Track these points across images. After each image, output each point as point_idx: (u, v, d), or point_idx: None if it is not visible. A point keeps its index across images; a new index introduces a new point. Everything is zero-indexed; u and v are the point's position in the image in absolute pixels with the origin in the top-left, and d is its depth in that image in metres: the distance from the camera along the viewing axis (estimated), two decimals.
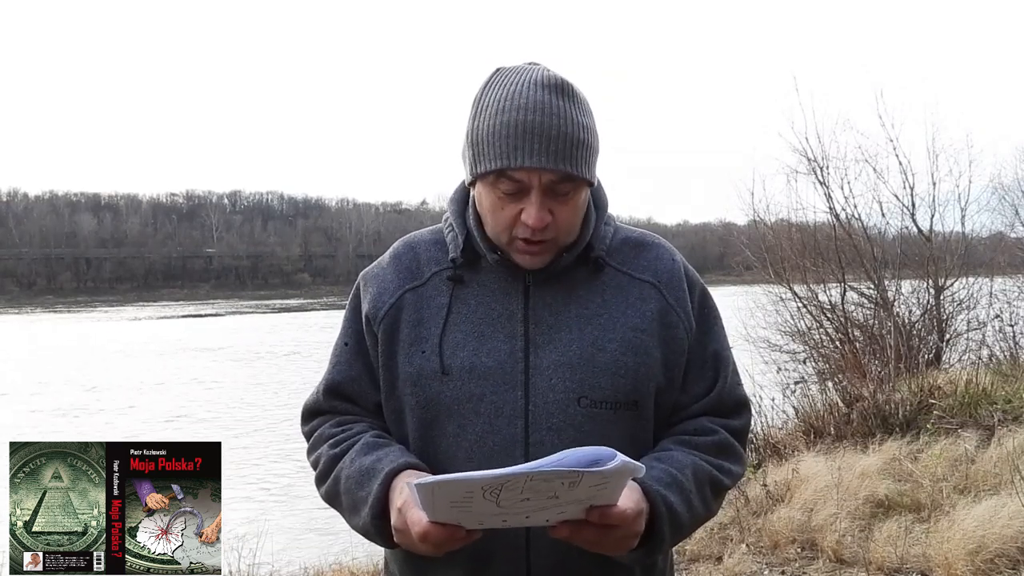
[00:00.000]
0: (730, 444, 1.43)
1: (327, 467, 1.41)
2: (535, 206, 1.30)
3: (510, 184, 1.30)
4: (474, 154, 1.32)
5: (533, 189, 1.30)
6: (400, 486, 1.27)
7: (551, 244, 1.35)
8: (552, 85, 1.30)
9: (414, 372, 1.37)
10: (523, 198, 1.31)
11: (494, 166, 1.29)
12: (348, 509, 1.37)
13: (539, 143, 1.27)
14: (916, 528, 4.43)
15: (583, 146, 1.30)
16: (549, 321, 1.37)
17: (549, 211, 1.31)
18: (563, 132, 1.28)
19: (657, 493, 1.27)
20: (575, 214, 1.35)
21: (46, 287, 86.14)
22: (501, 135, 1.29)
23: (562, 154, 1.28)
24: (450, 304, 1.40)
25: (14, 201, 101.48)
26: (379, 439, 1.39)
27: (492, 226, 1.36)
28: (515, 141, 1.28)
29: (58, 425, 14.50)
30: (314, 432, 1.49)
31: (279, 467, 10.65)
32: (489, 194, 1.33)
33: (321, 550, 6.08)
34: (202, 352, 27.23)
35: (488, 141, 1.30)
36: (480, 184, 1.35)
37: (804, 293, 11.04)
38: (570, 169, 1.29)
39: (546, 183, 1.29)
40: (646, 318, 1.39)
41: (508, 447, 1.32)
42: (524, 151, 1.27)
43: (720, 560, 4.47)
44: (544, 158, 1.27)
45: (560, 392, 1.33)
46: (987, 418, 6.31)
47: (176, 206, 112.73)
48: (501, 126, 1.29)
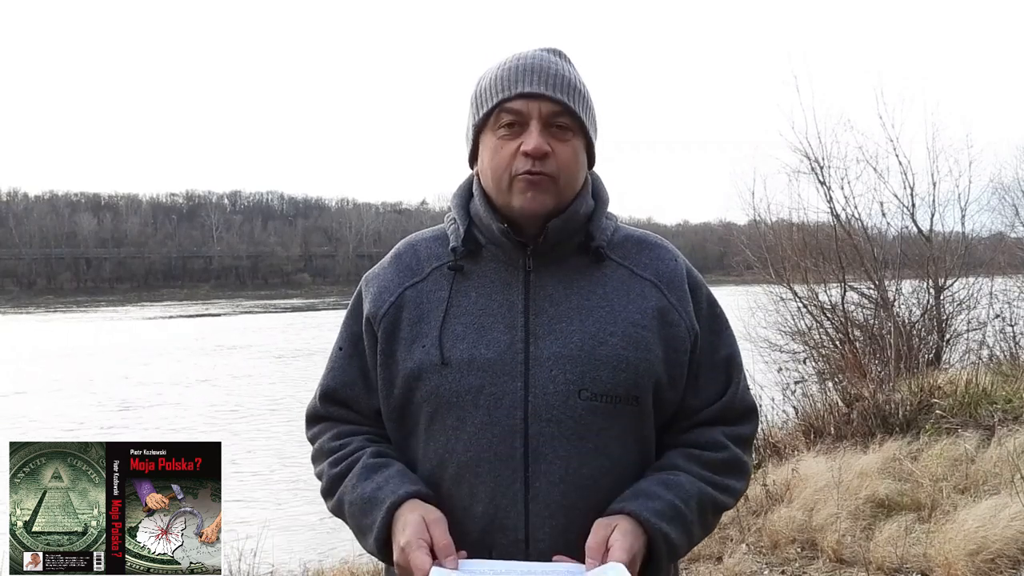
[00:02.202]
0: (739, 461, 1.44)
1: (330, 486, 1.43)
2: (534, 133, 1.34)
3: (510, 116, 1.35)
4: (476, 107, 1.40)
5: (532, 119, 1.34)
6: (403, 520, 1.29)
7: (551, 184, 1.35)
8: (552, 49, 1.40)
9: (414, 366, 1.38)
10: (523, 132, 1.35)
11: (494, 100, 1.36)
12: (355, 530, 1.40)
13: (537, 76, 1.36)
14: (916, 528, 4.43)
15: (579, 92, 1.38)
16: (550, 312, 1.38)
17: (548, 146, 1.35)
18: (560, 73, 1.37)
19: (658, 530, 1.29)
20: (574, 157, 1.38)
21: (46, 287, 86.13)
22: (500, 77, 1.37)
23: (558, 87, 1.36)
24: (450, 296, 1.40)
25: (14, 201, 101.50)
26: (378, 459, 1.40)
27: (493, 169, 1.37)
28: (514, 76, 1.36)
29: (145, 418, 14.69)
30: (316, 440, 1.51)
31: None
32: (490, 140, 1.38)
33: (322, 551, 6.09)
34: (234, 350, 27.08)
35: (489, 85, 1.38)
36: (483, 138, 1.39)
37: (804, 293, 11.04)
38: (567, 101, 1.35)
39: (545, 113, 1.35)
40: (647, 314, 1.39)
41: (507, 438, 1.33)
42: (523, 81, 1.35)
43: (720, 560, 4.47)
44: (542, 86, 1.35)
45: (560, 384, 1.34)
46: (987, 418, 6.32)
47: (176, 206, 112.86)
48: (500, 72, 1.38)
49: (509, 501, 1.32)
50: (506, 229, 1.37)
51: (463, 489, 1.34)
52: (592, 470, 1.33)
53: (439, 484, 1.36)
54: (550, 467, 1.32)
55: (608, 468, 1.35)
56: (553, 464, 1.32)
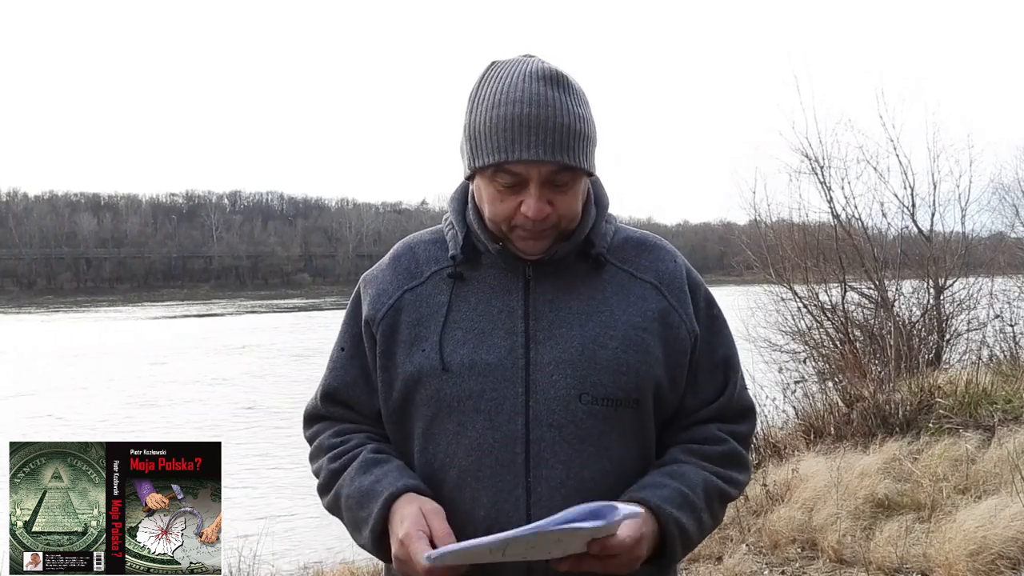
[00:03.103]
0: (738, 454, 1.45)
1: (327, 481, 1.42)
2: (534, 198, 1.30)
3: (509, 177, 1.31)
4: (471, 148, 1.33)
5: (532, 182, 1.30)
6: (401, 512, 1.28)
7: (552, 231, 1.35)
8: (546, 77, 1.30)
9: (414, 370, 1.37)
10: (522, 190, 1.31)
11: (492, 160, 1.30)
12: (350, 525, 1.39)
13: (536, 136, 1.27)
14: (916, 528, 4.42)
15: (580, 136, 1.30)
16: (550, 317, 1.37)
17: (548, 202, 1.32)
18: (559, 123, 1.28)
19: (669, 516, 1.29)
20: (575, 202, 1.36)
21: (46, 287, 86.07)
22: (498, 129, 1.29)
23: (559, 146, 1.28)
24: (450, 302, 1.40)
25: (14, 201, 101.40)
26: (378, 455, 1.40)
27: (492, 217, 1.36)
28: (511, 135, 1.28)
29: (171, 416, 14.65)
30: (315, 439, 1.50)
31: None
32: (488, 187, 1.34)
33: (322, 552, 6.08)
34: (246, 349, 26.95)
35: (485, 135, 1.30)
36: (479, 177, 1.36)
37: (804, 293, 11.04)
38: (567, 160, 1.29)
39: (544, 175, 1.30)
40: (647, 317, 1.39)
41: (509, 443, 1.33)
42: (521, 144, 1.27)
43: (720, 560, 4.47)
44: (541, 151, 1.27)
45: (561, 388, 1.34)
46: (987, 418, 6.32)
47: (176, 206, 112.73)
48: (497, 120, 1.29)
49: (511, 506, 1.32)
50: (503, 249, 1.38)
51: (465, 494, 1.34)
52: (593, 473, 1.34)
53: (440, 488, 1.35)
54: (551, 472, 1.32)
55: (609, 471, 1.35)
56: (555, 469, 1.32)
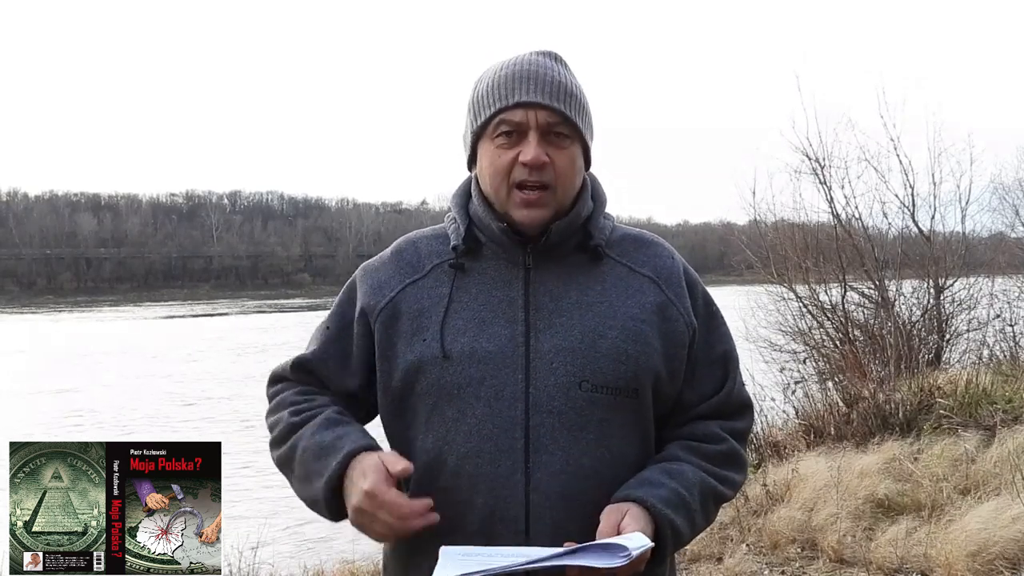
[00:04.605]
0: (736, 454, 1.46)
1: (284, 433, 1.43)
2: (532, 144, 1.35)
3: (507, 126, 1.35)
4: (474, 113, 1.39)
5: (530, 129, 1.35)
6: (362, 466, 1.29)
7: (549, 196, 1.37)
8: (546, 53, 1.40)
9: (415, 359, 1.39)
10: (521, 141, 1.35)
11: (492, 109, 1.36)
12: (300, 478, 1.39)
13: (534, 84, 1.35)
14: (917, 528, 4.42)
15: (576, 99, 1.38)
16: (549, 307, 1.39)
17: (546, 155, 1.35)
18: (556, 79, 1.37)
19: (665, 517, 1.31)
20: (571, 165, 1.39)
21: (46, 287, 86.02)
22: (498, 83, 1.37)
23: (556, 95, 1.35)
24: (451, 292, 1.42)
25: (14, 201, 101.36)
26: (341, 416, 1.41)
27: (491, 177, 1.38)
28: (511, 83, 1.36)
29: (213, 412, 14.71)
30: (277, 395, 1.51)
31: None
32: (488, 147, 1.38)
33: (322, 552, 6.08)
34: (268, 348, 26.55)
35: (486, 92, 1.38)
36: (481, 145, 1.40)
37: (805, 293, 11.03)
38: (565, 109, 1.35)
39: (543, 123, 1.35)
40: (645, 309, 1.41)
41: (508, 429, 1.34)
42: (520, 90, 1.35)
43: (720, 560, 4.48)
44: (539, 95, 1.35)
45: (561, 376, 1.35)
46: (987, 418, 6.31)
47: (176, 206, 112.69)
48: (497, 78, 1.38)
49: (510, 492, 1.33)
50: (506, 228, 1.39)
51: (463, 480, 1.35)
52: (593, 461, 1.35)
53: (439, 474, 1.37)
54: (551, 458, 1.33)
55: (609, 460, 1.36)
56: (554, 455, 1.33)
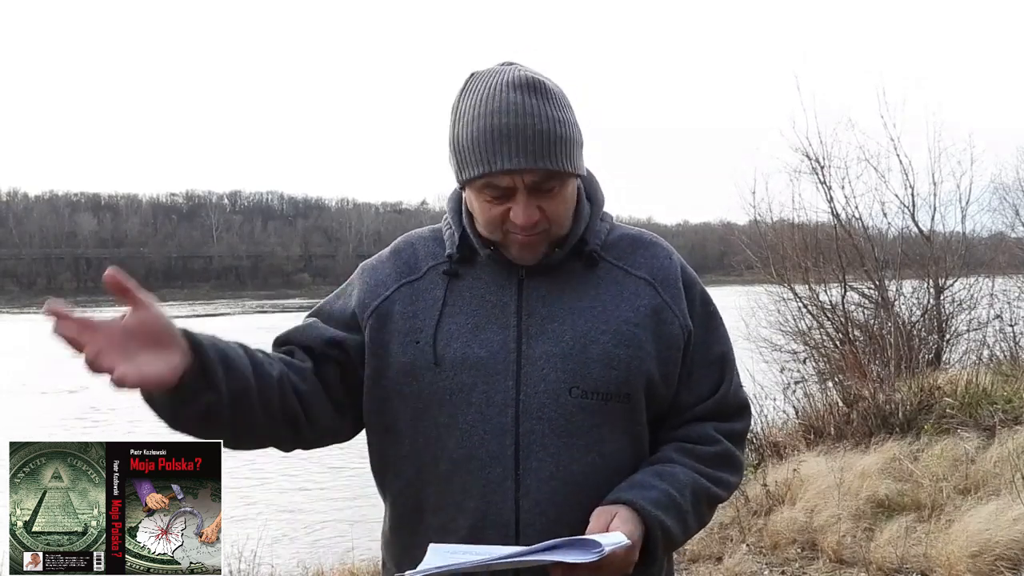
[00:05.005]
0: (731, 455, 1.45)
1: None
2: (522, 206, 1.32)
3: (495, 189, 1.32)
4: (457, 162, 1.35)
5: (518, 191, 1.31)
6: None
7: (543, 236, 1.37)
8: (523, 85, 1.30)
9: (408, 362, 1.39)
10: (510, 199, 1.33)
11: (477, 172, 1.31)
12: None
13: (517, 145, 1.28)
14: (917, 528, 4.42)
15: (561, 141, 1.31)
16: (542, 312, 1.39)
17: (538, 208, 1.33)
18: (539, 130, 1.29)
19: (655, 519, 1.30)
20: (564, 206, 1.37)
21: (46, 287, 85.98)
22: (479, 142, 1.30)
23: (541, 152, 1.29)
24: (445, 297, 1.42)
25: (14, 201, 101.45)
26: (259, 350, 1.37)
27: (483, 225, 1.38)
28: (493, 146, 1.29)
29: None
30: None
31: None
32: (477, 197, 1.36)
33: (322, 553, 6.08)
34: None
35: (468, 148, 1.31)
36: (468, 189, 1.37)
37: (805, 293, 11.03)
38: (551, 166, 1.30)
39: (530, 183, 1.31)
40: (640, 312, 1.40)
41: (499, 435, 1.34)
42: (503, 155, 1.28)
43: (720, 560, 4.48)
44: (523, 159, 1.28)
45: (552, 382, 1.35)
46: (987, 418, 6.32)
47: (176, 206, 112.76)
48: (478, 132, 1.30)
49: (500, 497, 1.33)
50: (495, 255, 1.40)
51: (455, 485, 1.35)
52: (583, 466, 1.35)
53: (431, 479, 1.37)
54: (541, 464, 1.33)
55: (600, 465, 1.36)
56: (544, 461, 1.33)
